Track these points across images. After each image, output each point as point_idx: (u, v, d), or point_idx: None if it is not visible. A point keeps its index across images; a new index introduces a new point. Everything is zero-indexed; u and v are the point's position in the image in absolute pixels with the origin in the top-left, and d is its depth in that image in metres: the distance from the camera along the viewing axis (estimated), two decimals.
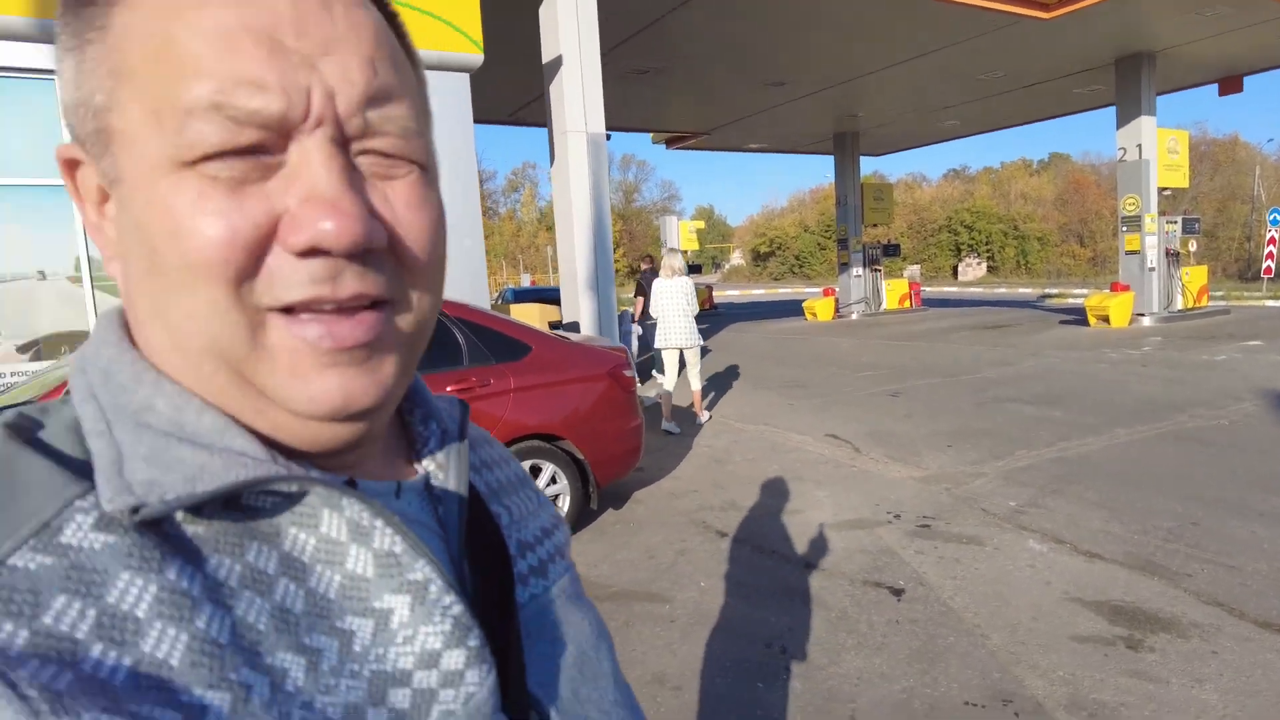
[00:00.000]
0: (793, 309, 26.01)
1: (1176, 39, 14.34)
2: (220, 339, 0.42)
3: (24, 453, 0.41)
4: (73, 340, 7.05)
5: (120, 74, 0.42)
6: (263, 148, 0.41)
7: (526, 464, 5.14)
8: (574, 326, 8.84)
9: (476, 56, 7.34)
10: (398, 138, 0.45)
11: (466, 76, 7.41)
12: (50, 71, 6.65)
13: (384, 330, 0.45)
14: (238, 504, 0.44)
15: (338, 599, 0.45)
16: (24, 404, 0.47)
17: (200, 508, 0.42)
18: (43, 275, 7.03)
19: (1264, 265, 22.94)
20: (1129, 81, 15.68)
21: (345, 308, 0.44)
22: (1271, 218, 22.74)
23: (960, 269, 52.68)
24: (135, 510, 0.39)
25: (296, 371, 0.43)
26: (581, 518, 5.34)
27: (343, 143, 0.43)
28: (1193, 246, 17.15)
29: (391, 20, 0.48)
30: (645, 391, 10.08)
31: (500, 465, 0.67)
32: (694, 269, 27.58)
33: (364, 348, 0.44)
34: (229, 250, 0.41)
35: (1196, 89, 19.05)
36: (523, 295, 20.49)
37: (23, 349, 7.00)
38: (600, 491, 5.47)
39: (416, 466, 0.57)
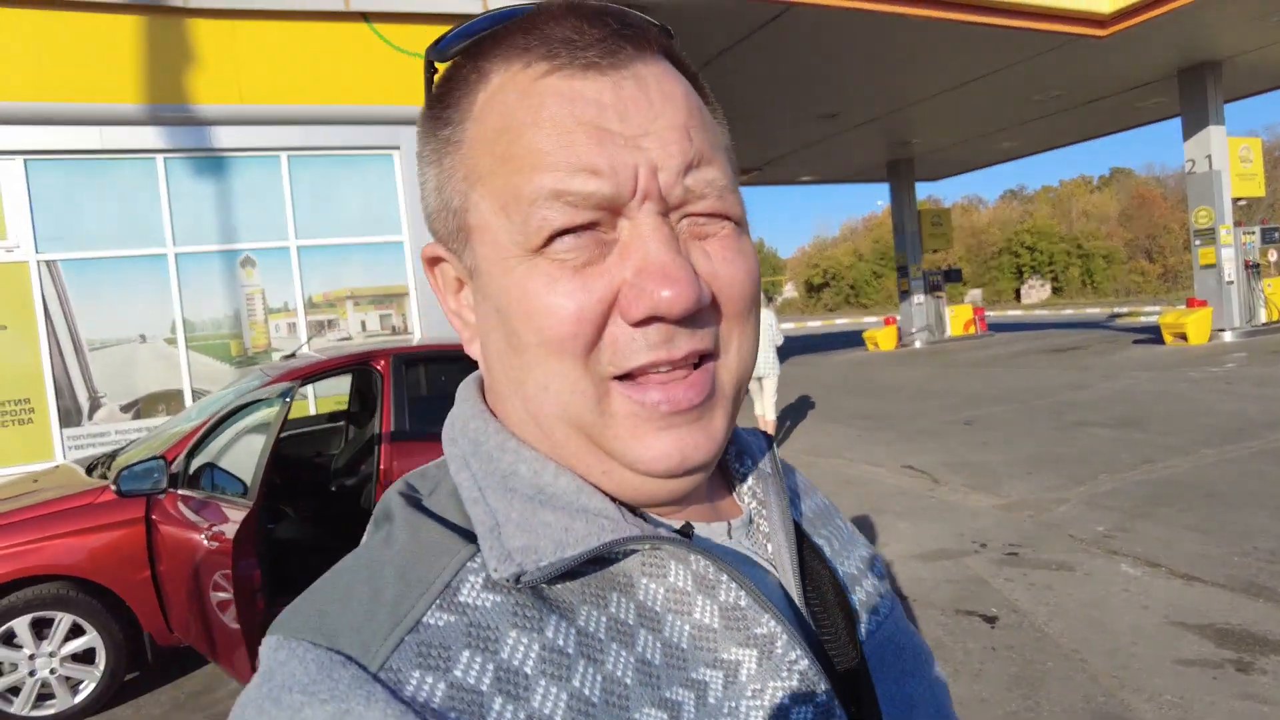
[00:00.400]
0: (852, 340, 25.77)
1: (1241, 47, 14.05)
2: (571, 406, 0.46)
3: (423, 519, 0.47)
4: (168, 399, 7.49)
5: (473, 178, 0.48)
6: (598, 225, 0.45)
7: None
8: None
9: None
10: (714, 199, 0.48)
11: None
12: (145, 150, 7.19)
13: (712, 387, 0.48)
14: (598, 558, 0.47)
15: (690, 649, 0.46)
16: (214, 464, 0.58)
17: (578, 568, 0.45)
18: (143, 339, 7.52)
19: None
20: (1193, 92, 15.35)
21: (679, 367, 0.47)
22: None
23: (1023, 291, 51.48)
24: (517, 579, 0.43)
25: (637, 434, 0.46)
26: None
27: (666, 212, 0.46)
28: (1274, 257, 16.53)
29: (694, 80, 0.52)
30: None
31: (809, 494, 0.67)
32: None
33: (696, 408, 0.47)
34: (579, 325, 0.45)
35: (1269, 94, 18.52)
36: None
37: (125, 409, 7.47)
38: None
39: (739, 503, 0.58)
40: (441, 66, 0.51)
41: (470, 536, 0.46)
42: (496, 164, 0.47)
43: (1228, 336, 15.39)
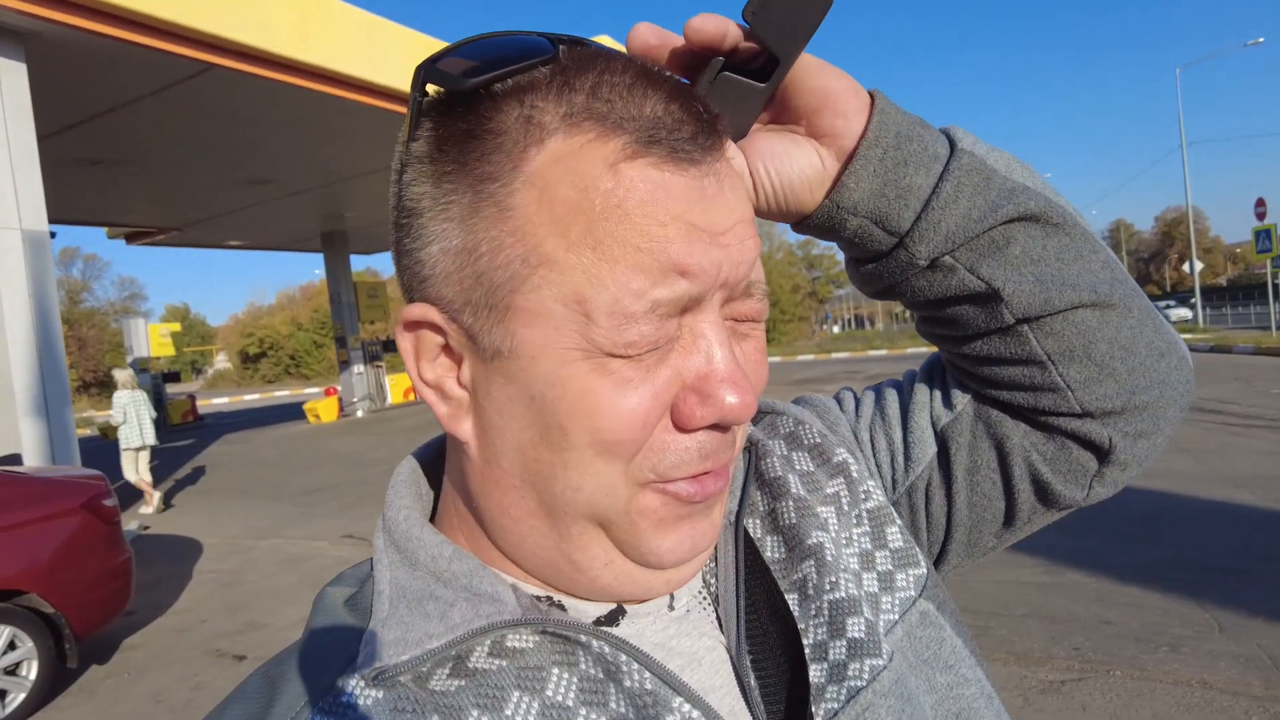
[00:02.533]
0: (294, 412, 24.74)
1: None
2: (599, 505, 0.43)
3: (330, 615, 0.47)
4: None
5: (535, 259, 0.41)
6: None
7: None
8: (14, 459, 7.23)
9: None
10: (758, 301, 0.46)
11: None
12: None
13: (723, 482, 0.47)
14: (502, 649, 0.44)
15: None
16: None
17: (465, 656, 0.43)
18: None
19: None
20: None
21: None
22: None
23: None
24: (380, 675, 0.41)
25: (661, 528, 0.45)
26: (58, 681, 4.51)
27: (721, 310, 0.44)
28: None
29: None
30: (127, 524, 8.76)
31: (804, 480, 0.59)
32: (170, 376, 24.54)
33: (712, 498, 0.46)
34: (644, 432, 0.42)
35: None
36: None
37: None
38: (80, 645, 4.68)
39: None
40: (432, 89, 0.44)
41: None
42: (571, 250, 0.41)
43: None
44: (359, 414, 22.03)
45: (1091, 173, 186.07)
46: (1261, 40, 33.98)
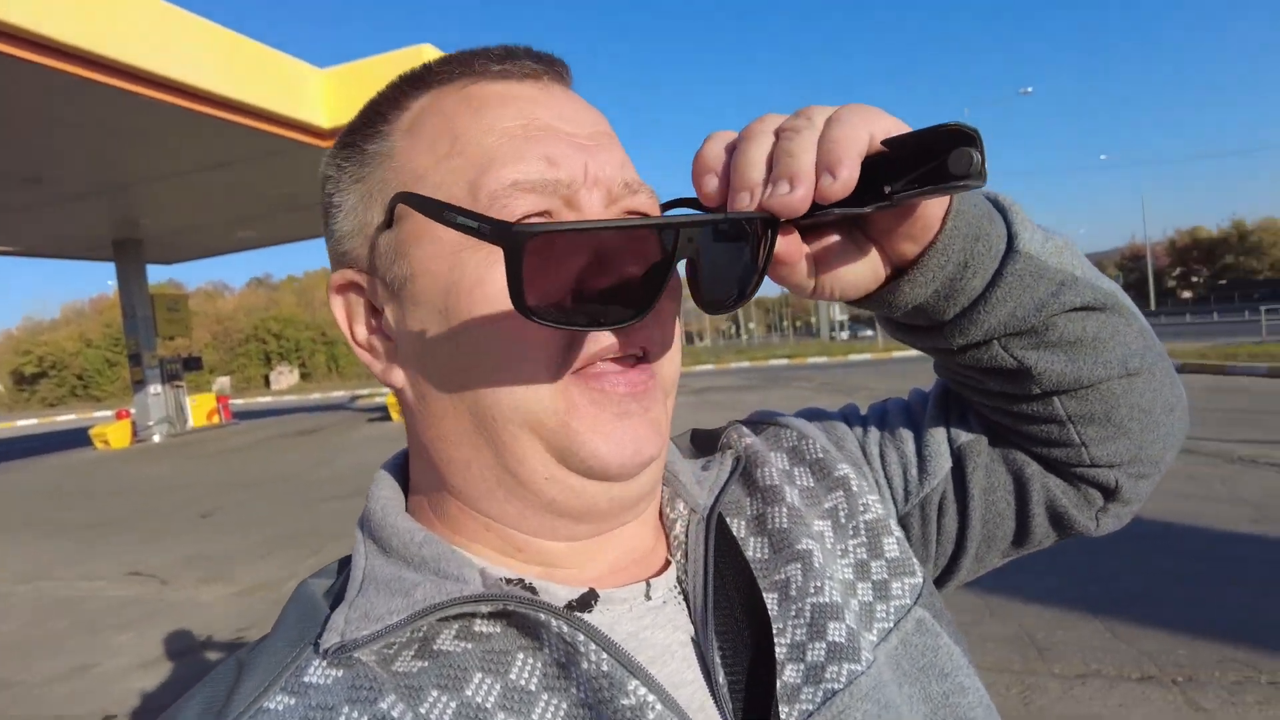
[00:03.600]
0: (79, 438, 22.16)
1: None
2: (526, 404, 0.45)
3: (302, 599, 0.49)
4: None
5: (412, 181, 0.47)
6: (551, 214, 0.47)
7: None
8: None
9: None
10: (649, 197, 0.51)
11: None
12: None
13: (654, 379, 0.49)
14: (469, 631, 0.45)
15: None
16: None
17: (431, 638, 0.44)
18: None
19: None
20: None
21: (625, 359, 0.47)
22: None
23: (273, 377, 52.35)
24: (340, 650, 0.43)
25: (597, 425, 0.46)
26: None
27: (611, 203, 0.49)
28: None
29: None
30: None
31: (803, 495, 0.60)
32: None
33: (644, 396, 0.47)
34: (551, 335, 0.44)
35: None
36: None
37: None
38: None
39: (669, 556, 0.55)
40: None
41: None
42: (440, 162, 0.47)
43: None
44: (156, 438, 20.03)
45: None
46: (1030, 90, 38.84)
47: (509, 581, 0.48)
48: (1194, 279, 77.97)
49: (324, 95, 12.49)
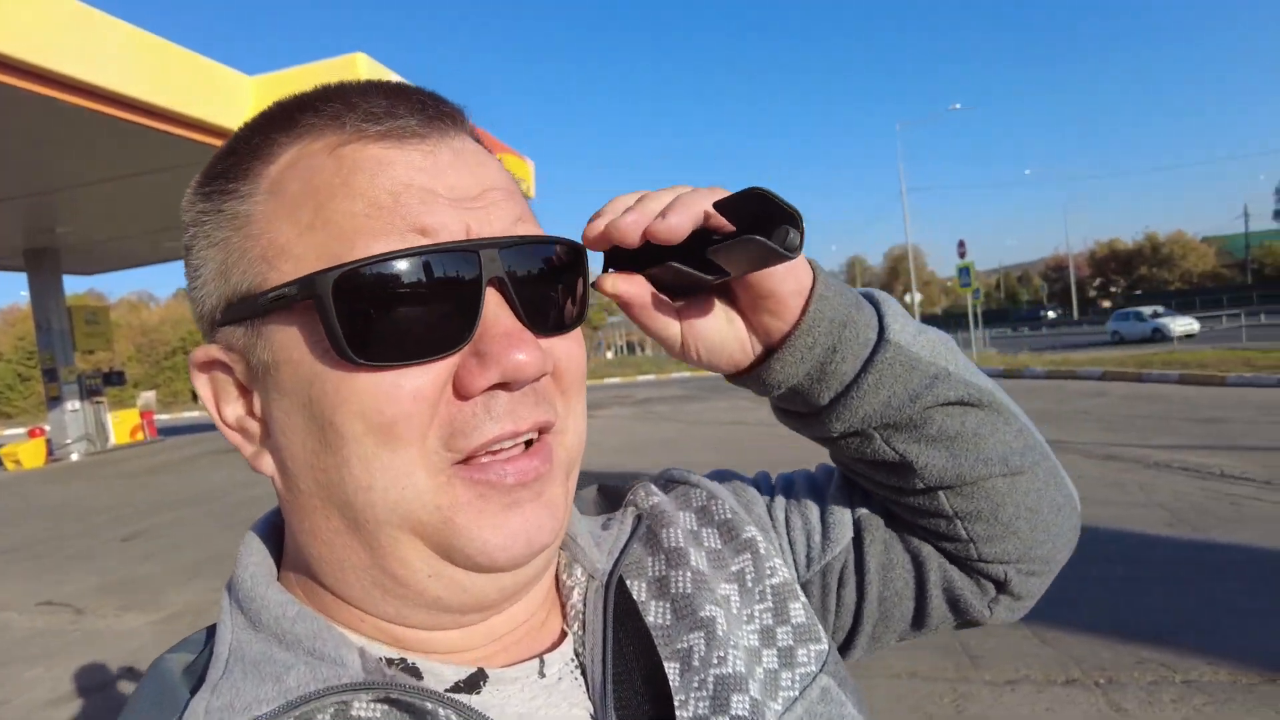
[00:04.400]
0: None
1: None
2: (402, 503, 0.41)
3: (153, 680, 0.45)
4: None
5: (271, 254, 0.43)
6: None
7: None
8: None
9: None
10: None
11: None
12: None
13: (548, 463, 0.45)
14: (347, 718, 0.41)
15: None
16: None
17: None
18: None
19: None
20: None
21: (518, 443, 0.44)
22: None
23: None
24: None
25: (483, 518, 0.42)
26: None
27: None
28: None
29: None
30: None
31: (710, 557, 0.59)
32: None
33: (540, 480, 0.44)
34: (415, 404, 0.41)
35: None
36: None
37: None
38: None
39: (566, 627, 0.52)
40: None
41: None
42: (302, 234, 0.42)
43: None
44: (74, 457, 19.08)
45: (837, 214, 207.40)
46: (958, 106, 40.48)
47: (390, 662, 0.45)
48: (1112, 289, 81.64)
49: (255, 103, 12.17)
